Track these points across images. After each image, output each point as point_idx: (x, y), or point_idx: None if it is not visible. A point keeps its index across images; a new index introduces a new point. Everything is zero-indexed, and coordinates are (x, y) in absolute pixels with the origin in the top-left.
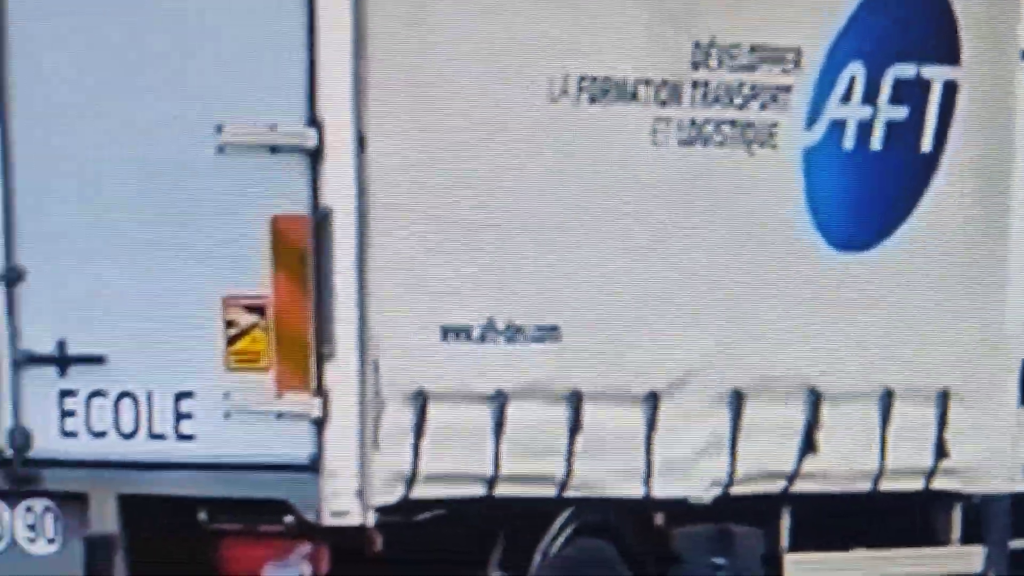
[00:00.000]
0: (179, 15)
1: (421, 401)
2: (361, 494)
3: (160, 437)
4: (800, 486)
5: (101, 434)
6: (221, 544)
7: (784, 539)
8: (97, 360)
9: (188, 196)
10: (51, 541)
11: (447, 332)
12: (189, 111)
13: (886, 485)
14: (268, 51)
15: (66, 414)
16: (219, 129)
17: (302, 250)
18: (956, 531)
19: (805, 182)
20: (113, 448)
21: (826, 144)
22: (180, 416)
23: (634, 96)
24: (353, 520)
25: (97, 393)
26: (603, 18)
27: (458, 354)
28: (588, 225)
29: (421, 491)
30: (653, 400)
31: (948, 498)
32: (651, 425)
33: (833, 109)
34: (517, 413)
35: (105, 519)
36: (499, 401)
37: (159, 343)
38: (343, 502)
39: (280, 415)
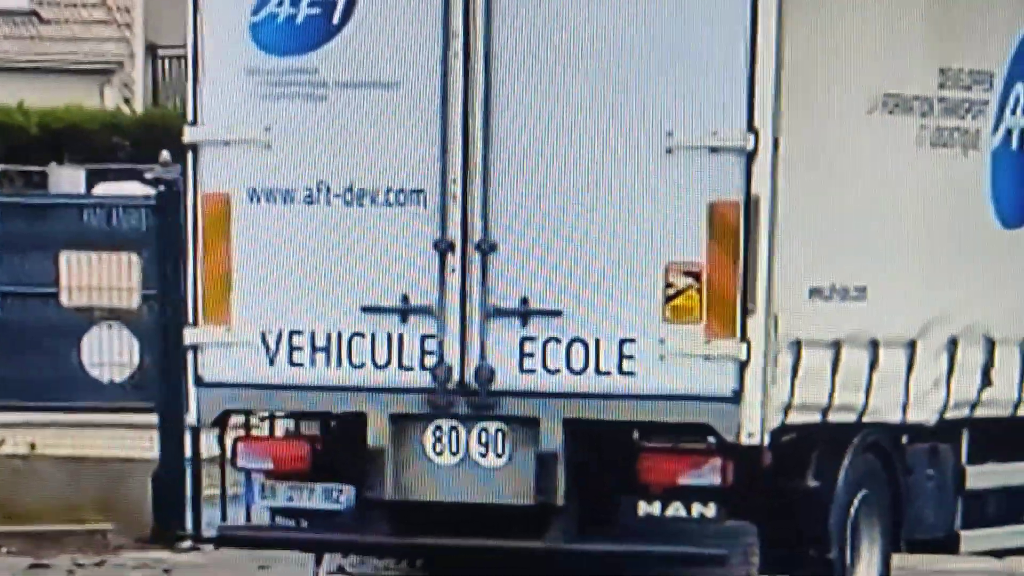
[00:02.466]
0: (644, 48)
1: (797, 348)
2: (763, 420)
3: (605, 373)
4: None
5: (554, 371)
6: (645, 459)
7: (964, 454)
8: (555, 314)
9: (641, 185)
10: (499, 455)
11: (812, 292)
12: (645, 119)
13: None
14: (711, 73)
15: (525, 355)
16: (669, 134)
17: (734, 229)
18: None
19: (990, 176)
20: (564, 382)
21: (1002, 147)
22: (623, 357)
23: (910, 109)
24: (756, 440)
25: (552, 339)
26: (903, 50)
27: (816, 310)
28: (883, 207)
29: (791, 418)
30: (912, 345)
31: None
32: (910, 365)
33: (1007, 119)
34: (844, 356)
35: (552, 439)
36: (835, 348)
37: (609, 301)
38: (753, 426)
39: (707, 357)
